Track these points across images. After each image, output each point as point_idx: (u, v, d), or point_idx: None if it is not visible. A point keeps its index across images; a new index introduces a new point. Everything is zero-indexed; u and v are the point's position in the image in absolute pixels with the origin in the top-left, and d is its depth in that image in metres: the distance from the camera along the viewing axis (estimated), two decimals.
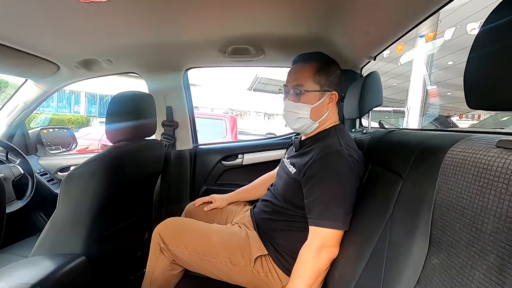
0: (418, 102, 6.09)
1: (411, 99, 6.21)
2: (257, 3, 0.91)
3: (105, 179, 0.98)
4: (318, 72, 0.96)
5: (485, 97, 0.43)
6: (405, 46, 5.75)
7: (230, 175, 1.73)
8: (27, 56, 1.31)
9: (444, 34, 5.28)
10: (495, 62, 0.41)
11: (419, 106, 6.05)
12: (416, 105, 6.11)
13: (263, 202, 1.11)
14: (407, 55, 6.46)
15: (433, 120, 6.74)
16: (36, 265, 0.89)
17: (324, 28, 1.09)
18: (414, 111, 6.10)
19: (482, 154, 0.44)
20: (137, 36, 1.20)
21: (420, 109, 6.06)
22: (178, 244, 1.01)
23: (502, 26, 0.41)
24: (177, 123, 1.69)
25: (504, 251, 0.38)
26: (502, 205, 0.39)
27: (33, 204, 1.50)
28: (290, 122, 1.01)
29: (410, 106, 6.20)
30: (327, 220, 0.83)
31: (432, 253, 0.51)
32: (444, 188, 0.50)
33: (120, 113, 1.08)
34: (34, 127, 1.93)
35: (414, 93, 6.17)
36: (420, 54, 6.17)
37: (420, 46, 6.10)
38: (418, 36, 5.87)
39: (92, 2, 0.88)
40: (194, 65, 1.61)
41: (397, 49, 5.61)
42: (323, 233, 0.83)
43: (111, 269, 1.22)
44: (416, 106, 6.10)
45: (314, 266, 0.82)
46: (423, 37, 5.91)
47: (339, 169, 0.85)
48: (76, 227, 0.99)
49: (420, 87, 6.15)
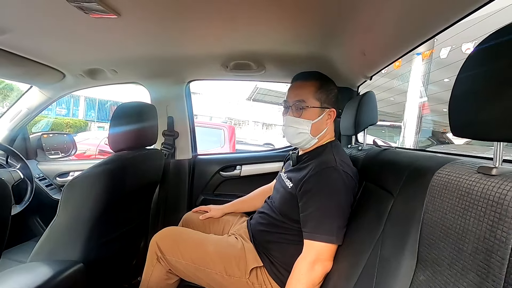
0: (414, 117, 6.19)
1: (408, 114, 6.31)
2: (259, 21, 0.96)
3: (106, 186, 1.01)
4: (320, 89, 1.01)
5: (468, 127, 0.47)
6: (402, 62, 5.90)
7: (228, 186, 1.75)
8: (34, 64, 1.34)
9: (440, 53, 5.43)
10: (476, 95, 0.45)
11: (415, 122, 6.14)
12: (412, 120, 6.21)
13: (260, 214, 1.13)
14: (404, 71, 6.61)
15: (429, 136, 6.82)
16: (34, 271, 0.90)
17: (322, 48, 1.14)
18: (410, 127, 6.19)
19: (465, 179, 0.47)
20: (143, 48, 1.25)
21: (416, 125, 6.15)
22: (174, 253, 1.03)
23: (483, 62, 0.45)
24: (177, 133, 1.72)
25: (482, 270, 0.41)
26: (481, 227, 0.42)
27: (30, 209, 1.51)
28: (291, 137, 1.05)
29: (407, 121, 6.30)
30: (321, 234, 0.85)
31: (419, 270, 0.54)
32: (431, 208, 0.54)
33: (124, 123, 1.11)
34: (35, 132, 1.95)
35: (411, 109, 6.28)
36: (417, 71, 6.31)
37: (417, 63, 6.25)
38: (415, 54, 6.02)
39: (103, 18, 0.93)
40: (196, 78, 1.66)
41: (394, 65, 5.76)
42: (317, 247, 0.85)
43: (107, 276, 1.22)
44: (413, 121, 6.20)
45: (308, 279, 0.84)
46: (420, 55, 6.07)
47: (333, 184, 0.88)
48: (75, 234, 1.01)
49: (416, 103, 6.27)
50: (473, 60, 0.46)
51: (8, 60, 1.24)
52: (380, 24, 0.85)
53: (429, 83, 6.43)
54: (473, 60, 0.46)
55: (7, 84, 8.36)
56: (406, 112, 6.38)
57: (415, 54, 6.04)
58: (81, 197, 1.00)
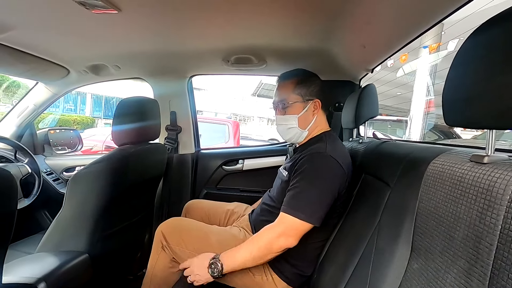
0: (421, 112, 6.10)
1: (414, 109, 6.22)
2: (260, 16, 0.96)
3: (110, 180, 1.03)
4: (298, 85, 1.06)
5: (461, 116, 0.47)
6: (408, 56, 5.80)
7: (231, 180, 1.77)
8: (39, 61, 1.37)
9: (447, 46, 5.32)
10: (470, 83, 0.45)
11: (422, 117, 6.06)
12: (418, 115, 6.12)
13: (260, 206, 1.15)
14: (411, 64, 6.50)
15: (437, 131, 6.73)
16: (41, 261, 0.94)
17: (323, 41, 1.14)
18: (417, 122, 6.11)
19: (458, 168, 0.48)
20: (145, 44, 1.26)
21: (422, 119, 6.07)
22: (178, 242, 1.06)
23: (475, 52, 0.45)
24: (180, 127, 1.74)
25: (471, 256, 0.41)
26: (471, 215, 0.42)
27: (38, 203, 1.55)
28: (283, 134, 1.10)
29: (413, 116, 6.21)
30: (293, 209, 0.88)
31: (413, 258, 0.55)
32: (425, 198, 0.54)
33: (126, 117, 1.13)
34: (42, 128, 1.99)
35: (417, 103, 6.19)
36: (424, 64, 6.20)
37: (424, 57, 6.14)
38: (421, 47, 5.92)
39: (104, 13, 0.94)
40: (198, 73, 1.67)
41: (400, 59, 5.67)
42: (287, 221, 0.89)
43: (112, 268, 1.26)
44: (419, 116, 6.11)
45: (267, 245, 0.89)
46: (427, 48, 5.96)
47: (318, 168, 0.91)
48: (81, 226, 1.03)
49: (423, 98, 6.17)
50: (465, 51, 0.46)
51: (14, 57, 1.27)
52: (379, 16, 0.84)
53: (436, 78, 6.31)
54: (465, 50, 0.46)
55: (15, 82, 8.52)
56: (412, 107, 6.29)
57: (421, 47, 5.93)
58: (85, 191, 1.03)
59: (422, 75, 6.22)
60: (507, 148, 0.61)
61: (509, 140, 3.37)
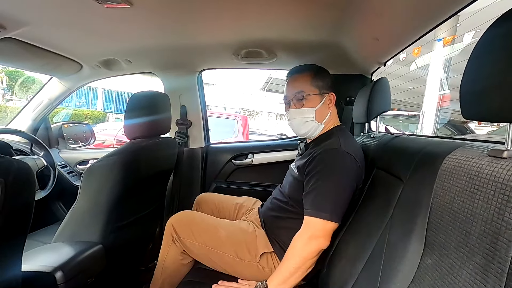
0: (434, 107, 5.96)
1: (427, 103, 6.08)
2: (270, 9, 0.95)
3: (122, 173, 1.05)
4: (315, 77, 1.04)
5: (479, 109, 0.46)
6: (422, 49, 5.66)
7: (240, 174, 1.78)
8: (53, 56, 1.40)
9: (463, 38, 5.16)
10: (489, 75, 0.44)
11: (435, 112, 5.91)
12: (431, 110, 5.98)
13: (271, 200, 1.16)
14: (424, 58, 6.33)
15: (450, 126, 6.58)
16: (58, 250, 0.97)
17: (334, 34, 1.12)
18: (429, 116, 5.97)
19: (475, 162, 0.47)
20: (155, 38, 1.27)
21: (435, 114, 5.93)
22: (188, 235, 1.08)
23: (494, 44, 0.43)
24: (190, 122, 1.75)
25: (488, 253, 0.40)
26: (489, 210, 0.42)
27: (53, 195, 1.59)
28: (297, 128, 1.08)
29: (425, 111, 6.08)
30: (316, 211, 0.88)
31: (426, 254, 0.54)
32: (440, 193, 0.53)
33: (137, 112, 1.14)
34: (57, 122, 2.03)
35: (430, 98, 6.04)
36: (437, 57, 6.03)
37: (438, 50, 5.97)
38: (435, 40, 5.75)
39: (116, 8, 0.95)
40: (208, 67, 1.67)
41: (413, 52, 5.53)
42: (312, 224, 0.89)
43: (124, 259, 1.29)
44: (432, 111, 5.97)
45: (302, 253, 0.87)
46: (441, 41, 5.78)
47: (334, 165, 0.91)
48: (94, 217, 1.06)
49: (436, 92, 6.02)
50: (484, 42, 0.44)
51: (29, 52, 1.30)
52: (392, 8, 0.82)
53: (450, 71, 6.13)
54: (484, 42, 0.44)
55: (29, 77, 8.73)
56: (425, 101, 6.14)
57: (435, 40, 5.76)
58: (98, 183, 1.05)
59: (436, 69, 6.05)
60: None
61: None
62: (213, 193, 1.51)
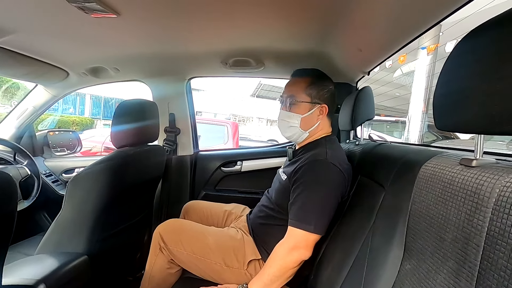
0: (419, 113, 6.12)
1: (412, 110, 6.24)
2: (258, 19, 0.97)
3: (109, 181, 1.04)
4: (310, 85, 1.04)
5: (451, 120, 0.48)
6: (407, 57, 5.82)
7: (229, 181, 1.78)
8: (39, 63, 1.38)
9: (445, 47, 5.34)
10: (459, 88, 0.46)
11: (420, 118, 6.07)
12: (417, 116, 6.14)
13: (259, 208, 1.16)
14: (409, 65, 6.52)
15: (435, 132, 6.76)
16: (41, 262, 0.94)
17: (320, 44, 1.16)
18: (415, 122, 6.13)
19: (448, 170, 0.49)
20: (144, 47, 1.27)
21: (421, 120, 6.08)
22: (176, 243, 1.07)
23: (467, 55, 0.46)
24: (179, 129, 1.75)
25: (460, 257, 0.42)
26: (460, 216, 0.44)
27: (37, 204, 1.55)
28: (282, 130, 1.10)
29: (411, 117, 6.23)
30: (300, 222, 0.89)
31: (405, 259, 0.56)
32: (418, 200, 0.55)
33: (125, 119, 1.14)
34: (42, 130, 1.99)
35: (415, 104, 6.21)
36: (422, 65, 6.22)
37: (422, 58, 6.16)
38: (419, 48, 5.94)
39: (103, 17, 0.95)
40: (197, 75, 1.68)
41: (399, 59, 5.68)
42: (295, 234, 0.89)
43: (111, 269, 1.26)
44: (417, 117, 6.13)
45: (283, 262, 0.88)
46: (425, 49, 5.98)
47: (320, 176, 0.92)
48: (80, 227, 1.04)
49: (421, 98, 6.19)
50: (455, 56, 0.47)
51: (15, 60, 1.28)
52: (375, 20, 0.86)
53: (434, 78, 6.33)
54: (455, 55, 0.47)
55: (14, 83, 8.52)
56: (410, 107, 6.31)
57: (420, 48, 5.95)
58: (84, 192, 1.04)
59: (420, 76, 6.24)
60: (495, 151, 0.63)
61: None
62: (201, 201, 1.51)
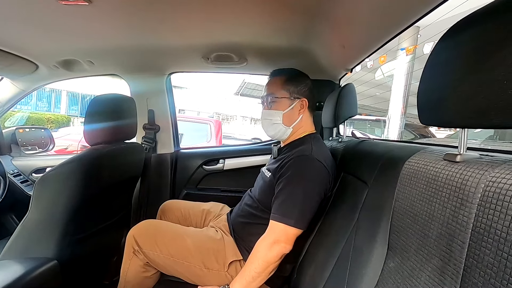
0: (398, 112, 6.31)
1: (392, 109, 6.43)
2: (240, 13, 0.94)
3: (81, 181, 0.97)
4: (287, 81, 1.06)
5: (435, 116, 0.47)
6: (387, 57, 5.98)
7: (211, 180, 1.74)
8: (4, 54, 1.28)
9: (423, 48, 5.53)
10: (443, 84, 0.45)
11: (399, 116, 6.27)
12: (396, 115, 6.33)
13: (241, 206, 1.13)
14: (389, 65, 6.69)
15: (413, 130, 6.99)
16: (5, 269, 0.87)
17: (303, 40, 1.14)
18: (395, 121, 6.32)
19: (432, 166, 0.48)
20: (119, 38, 1.20)
21: (400, 119, 6.28)
22: (152, 246, 1.02)
23: (449, 51, 0.45)
24: (158, 126, 1.69)
25: (445, 255, 0.41)
26: (445, 213, 0.43)
27: (4, 206, 1.46)
28: (266, 129, 1.09)
29: (391, 116, 6.42)
30: (281, 216, 0.88)
31: (389, 257, 0.55)
32: (401, 197, 0.54)
33: (99, 115, 1.07)
34: (9, 126, 1.86)
35: (395, 103, 6.40)
36: (401, 65, 6.41)
37: (401, 58, 6.35)
38: (399, 49, 6.11)
39: (73, 5, 0.89)
40: (177, 70, 1.62)
41: (379, 60, 5.82)
42: (277, 228, 0.89)
43: (85, 274, 1.19)
44: (397, 116, 6.32)
45: (265, 257, 0.87)
46: (404, 50, 6.16)
47: (304, 171, 0.91)
48: (49, 230, 0.97)
49: (400, 98, 6.38)
50: (437, 53, 0.46)
51: None
52: (357, 17, 0.85)
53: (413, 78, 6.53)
54: (436, 52, 0.46)
55: None
56: (390, 106, 6.49)
57: (399, 50, 6.12)
58: (53, 193, 0.97)
59: (399, 76, 6.43)
60: (479, 147, 0.63)
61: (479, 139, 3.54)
62: (178, 200, 1.46)
